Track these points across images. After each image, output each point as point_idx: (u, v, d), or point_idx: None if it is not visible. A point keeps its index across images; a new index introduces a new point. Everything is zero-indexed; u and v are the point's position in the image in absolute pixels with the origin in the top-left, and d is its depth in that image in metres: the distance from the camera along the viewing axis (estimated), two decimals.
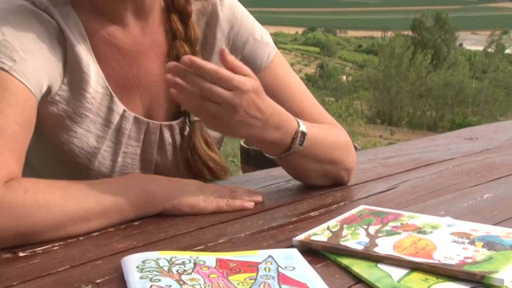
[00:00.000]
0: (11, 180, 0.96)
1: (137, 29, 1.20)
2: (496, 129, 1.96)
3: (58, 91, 1.13)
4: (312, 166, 1.26)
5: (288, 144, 1.18)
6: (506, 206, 1.24)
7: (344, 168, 1.31)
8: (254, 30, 1.32)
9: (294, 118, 1.19)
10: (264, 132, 1.12)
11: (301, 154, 1.20)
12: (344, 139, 1.32)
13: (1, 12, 1.09)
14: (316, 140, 1.22)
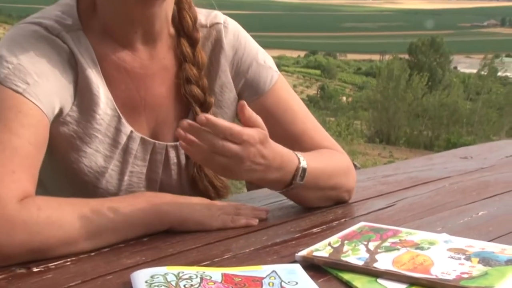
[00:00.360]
0: (25, 198, 0.96)
1: (146, 53, 1.21)
2: (490, 149, 1.96)
3: (69, 112, 1.14)
4: (314, 194, 1.25)
5: (289, 181, 1.17)
6: (500, 223, 1.23)
7: (345, 191, 1.31)
8: (257, 55, 1.32)
9: (296, 155, 1.17)
10: (266, 174, 1.12)
11: (302, 187, 1.20)
12: (344, 164, 1.31)
13: (16, 37, 1.10)
14: (317, 172, 1.21)
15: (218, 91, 1.28)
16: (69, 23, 1.14)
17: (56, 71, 1.10)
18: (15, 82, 1.04)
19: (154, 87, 1.22)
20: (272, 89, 1.30)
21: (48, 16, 1.14)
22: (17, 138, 1.00)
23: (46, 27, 1.12)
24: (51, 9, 1.17)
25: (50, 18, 1.13)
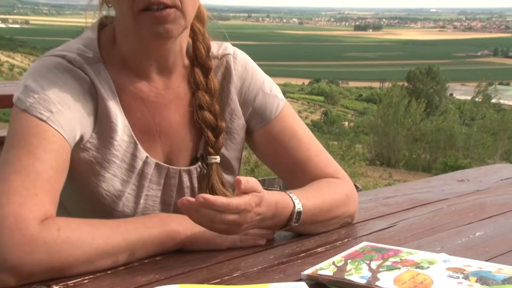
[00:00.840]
0: (46, 219, 0.97)
1: (161, 83, 1.21)
2: (486, 172, 1.94)
3: (89, 139, 1.14)
4: (312, 227, 1.23)
5: (284, 224, 1.16)
6: (497, 243, 1.22)
7: (346, 217, 1.30)
8: (263, 84, 1.32)
9: (292, 200, 1.16)
10: (260, 224, 1.11)
11: (299, 225, 1.18)
12: (343, 193, 1.28)
13: (41, 69, 1.11)
14: (314, 211, 1.19)
15: (228, 118, 1.28)
16: (90, 56, 1.15)
17: (78, 101, 1.11)
18: (39, 110, 1.05)
19: (168, 115, 1.22)
20: (278, 116, 1.30)
21: (71, 49, 1.15)
22: (40, 163, 1.01)
23: (69, 60, 1.13)
24: (74, 42, 1.18)
25: (73, 51, 1.15)
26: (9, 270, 0.91)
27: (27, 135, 1.03)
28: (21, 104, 1.06)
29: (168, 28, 1.09)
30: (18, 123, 1.05)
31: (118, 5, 1.12)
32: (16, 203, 0.95)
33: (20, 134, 1.04)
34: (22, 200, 0.96)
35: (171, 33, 1.11)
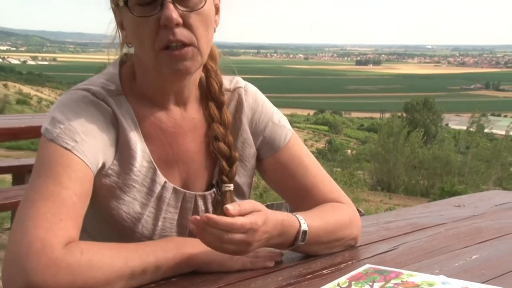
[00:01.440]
0: (70, 243, 0.96)
1: (178, 114, 1.22)
2: (481, 198, 1.93)
3: (111, 166, 1.14)
4: (318, 248, 1.23)
5: (291, 243, 1.16)
6: (492, 266, 1.20)
7: (349, 240, 1.29)
8: (273, 115, 1.32)
9: (297, 219, 1.16)
10: (268, 242, 1.11)
11: (305, 245, 1.18)
12: (346, 217, 1.27)
13: (67, 101, 1.12)
14: (318, 230, 1.19)
15: (240, 147, 1.29)
16: (112, 88, 1.16)
17: (101, 131, 1.11)
18: (65, 140, 1.05)
19: (185, 143, 1.23)
20: (286, 146, 1.30)
21: (95, 83, 1.16)
22: (65, 190, 1.01)
23: (93, 93, 1.14)
24: (97, 77, 1.19)
25: (96, 85, 1.16)
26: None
27: (53, 164, 1.03)
28: (49, 134, 1.07)
29: (187, 65, 1.11)
30: (45, 152, 1.06)
31: (139, 44, 1.13)
32: (42, 228, 0.95)
33: (47, 162, 1.04)
34: (48, 226, 0.96)
35: (189, 70, 1.12)
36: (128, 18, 1.12)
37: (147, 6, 1.08)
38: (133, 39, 1.15)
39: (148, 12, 1.08)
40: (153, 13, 1.08)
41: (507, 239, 1.42)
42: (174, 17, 1.06)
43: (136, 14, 1.09)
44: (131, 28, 1.13)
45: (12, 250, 0.94)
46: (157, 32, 1.08)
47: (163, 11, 1.06)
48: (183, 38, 1.09)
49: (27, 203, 0.99)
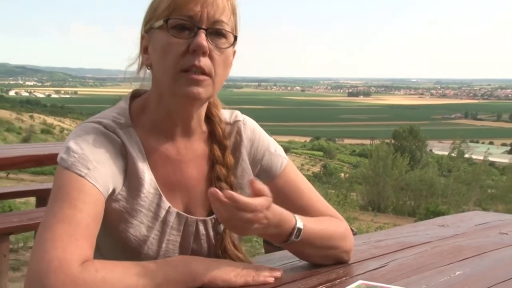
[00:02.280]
0: (86, 261, 0.96)
1: (183, 144, 1.22)
2: (462, 218, 1.92)
3: (120, 191, 1.14)
4: (313, 252, 1.23)
5: (286, 237, 1.16)
6: (474, 281, 1.19)
7: (342, 251, 1.28)
8: (269, 146, 1.32)
9: (294, 217, 1.17)
10: (266, 230, 1.12)
11: (299, 243, 1.18)
12: (341, 229, 1.28)
13: (81, 133, 1.12)
14: (313, 232, 1.19)
15: (240, 175, 1.28)
16: (122, 121, 1.16)
17: (111, 159, 1.11)
18: (79, 168, 1.05)
19: (188, 171, 1.22)
20: (282, 173, 1.30)
21: (106, 117, 1.16)
22: (79, 213, 1.00)
23: (104, 125, 1.14)
24: (110, 111, 1.20)
25: (108, 118, 1.16)
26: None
27: (68, 189, 1.03)
28: (64, 162, 1.07)
29: (200, 91, 1.11)
30: (61, 179, 1.05)
31: (163, 63, 1.13)
32: (60, 248, 0.95)
33: (62, 188, 1.04)
34: (65, 246, 0.95)
35: (200, 96, 1.12)
36: (159, 39, 1.13)
37: (182, 30, 1.10)
38: (158, 57, 1.14)
39: (182, 35, 1.10)
40: (187, 37, 1.10)
41: (486, 257, 1.41)
42: (205, 45, 1.09)
43: (173, 34, 1.10)
44: (160, 45, 1.13)
45: (33, 268, 0.93)
46: (184, 55, 1.10)
47: (196, 38, 1.09)
48: (204, 67, 1.10)
49: (45, 226, 0.99)
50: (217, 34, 1.13)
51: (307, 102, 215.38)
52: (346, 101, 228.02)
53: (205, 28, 1.10)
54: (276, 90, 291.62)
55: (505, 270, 1.29)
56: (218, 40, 1.13)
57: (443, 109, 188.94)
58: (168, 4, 1.11)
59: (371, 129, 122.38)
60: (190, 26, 1.10)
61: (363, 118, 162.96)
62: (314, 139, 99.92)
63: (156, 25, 1.13)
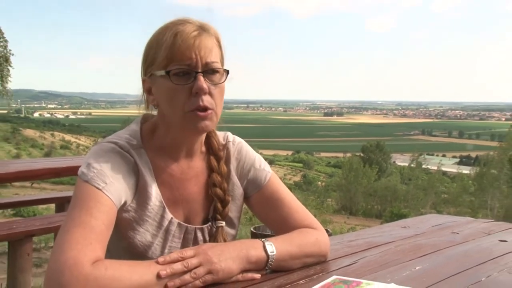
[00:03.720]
0: (97, 261, 0.95)
1: (185, 164, 1.22)
2: (421, 221, 1.92)
3: (130, 203, 1.13)
4: (292, 263, 1.17)
5: (264, 264, 1.11)
6: (431, 275, 1.19)
7: (319, 256, 1.24)
8: (254, 162, 1.31)
9: (261, 241, 1.13)
10: (245, 266, 1.07)
11: (280, 263, 1.13)
12: (313, 238, 1.23)
13: (100, 151, 1.12)
14: (286, 249, 1.15)
15: (231, 189, 1.28)
16: (134, 143, 1.16)
17: (124, 176, 1.11)
18: (97, 182, 1.05)
19: (189, 187, 1.22)
20: (267, 185, 1.29)
21: (121, 138, 1.16)
22: (95, 220, 1.00)
23: (120, 146, 1.14)
24: (123, 132, 1.19)
25: (122, 139, 1.16)
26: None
27: (86, 199, 1.02)
28: (84, 176, 1.06)
29: (208, 124, 1.13)
30: (81, 190, 1.05)
31: (170, 106, 1.12)
32: (75, 250, 0.94)
33: (81, 198, 1.03)
34: (80, 247, 0.94)
35: (209, 127, 1.14)
36: (163, 85, 1.12)
37: (182, 77, 1.10)
38: (165, 102, 1.14)
39: (183, 81, 1.10)
40: (188, 83, 1.10)
41: (441, 253, 1.41)
42: (205, 87, 1.10)
43: (175, 82, 1.10)
44: (166, 92, 1.12)
45: (52, 266, 0.92)
46: (188, 97, 1.10)
47: (197, 82, 1.10)
48: (208, 104, 1.11)
49: (64, 229, 0.98)
50: (212, 72, 1.13)
51: (289, 121, 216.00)
52: (322, 120, 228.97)
53: (201, 71, 1.11)
54: (262, 111, 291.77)
55: (457, 264, 1.29)
56: (213, 78, 1.13)
57: (404, 127, 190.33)
58: (165, 55, 1.10)
59: (344, 144, 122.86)
60: (189, 71, 1.11)
61: (337, 134, 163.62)
62: (295, 152, 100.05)
63: (157, 73, 1.13)
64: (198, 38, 1.11)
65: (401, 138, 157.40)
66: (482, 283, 1.14)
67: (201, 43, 1.11)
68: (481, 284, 1.13)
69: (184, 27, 1.11)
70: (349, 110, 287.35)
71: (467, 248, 1.47)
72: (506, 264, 1.31)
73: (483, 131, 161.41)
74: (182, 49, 1.09)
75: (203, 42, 1.11)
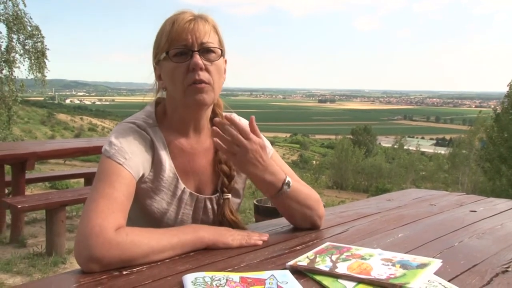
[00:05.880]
0: (119, 228, 0.94)
1: (194, 139, 1.20)
2: (403, 194, 1.91)
3: (147, 175, 1.12)
4: (295, 206, 1.18)
5: (279, 187, 1.13)
6: (412, 241, 1.18)
7: (317, 215, 1.23)
8: None
9: (283, 172, 1.15)
10: (264, 174, 1.10)
11: (287, 196, 1.14)
12: (316, 196, 1.24)
13: (120, 130, 1.10)
14: (298, 189, 1.17)
15: None
16: (150, 122, 1.14)
17: (142, 151, 1.09)
18: (118, 157, 1.03)
19: (198, 160, 1.20)
20: (270, 159, 1.27)
21: (138, 118, 1.15)
22: (116, 192, 0.99)
23: (138, 125, 1.12)
24: (140, 113, 1.18)
25: (139, 119, 1.14)
26: (95, 261, 0.89)
27: (109, 173, 1.01)
28: (107, 153, 1.04)
29: (205, 97, 1.10)
30: (104, 165, 1.03)
31: (173, 83, 1.11)
32: (100, 218, 0.93)
33: (104, 172, 1.02)
34: (104, 216, 0.93)
35: (205, 100, 1.11)
36: (166, 66, 1.11)
37: (180, 56, 1.09)
38: (169, 81, 1.13)
39: (181, 60, 1.09)
40: (185, 61, 1.09)
41: (421, 222, 1.40)
42: (200, 62, 1.08)
43: (175, 61, 1.09)
44: (168, 72, 1.11)
45: (80, 232, 0.92)
46: (186, 73, 1.09)
47: (192, 59, 1.08)
48: (203, 78, 1.09)
49: (90, 200, 0.97)
50: (207, 51, 1.11)
51: (287, 107, 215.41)
52: (316, 106, 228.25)
53: (197, 50, 1.09)
54: (263, 98, 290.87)
55: (434, 232, 1.28)
56: (208, 56, 1.11)
57: (388, 113, 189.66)
58: (166, 39, 1.10)
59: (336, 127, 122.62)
60: (186, 51, 1.09)
61: (330, 119, 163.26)
62: (293, 135, 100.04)
63: (161, 57, 1.12)
64: (193, 22, 1.10)
65: (386, 122, 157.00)
66: (455, 247, 1.14)
67: (195, 26, 1.10)
68: (454, 248, 1.13)
69: (180, 15, 1.12)
70: (340, 98, 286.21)
71: (442, 218, 1.47)
72: (475, 231, 1.31)
73: (456, 117, 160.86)
74: (178, 32, 1.09)
75: (198, 26, 1.10)
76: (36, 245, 3.68)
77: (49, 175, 5.60)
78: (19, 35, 11.16)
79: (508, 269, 0.99)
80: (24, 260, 3.35)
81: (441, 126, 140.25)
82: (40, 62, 11.38)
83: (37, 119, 52.90)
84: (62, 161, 13.61)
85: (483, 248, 1.14)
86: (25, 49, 11.30)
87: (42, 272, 3.15)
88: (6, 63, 11.11)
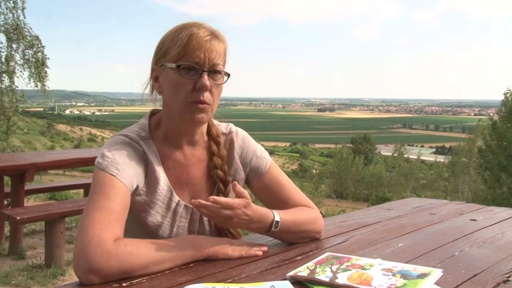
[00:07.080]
0: (117, 239, 0.94)
1: (188, 151, 1.20)
2: (403, 203, 1.91)
3: (141, 188, 1.12)
4: (289, 236, 1.19)
5: (267, 229, 1.14)
6: (412, 251, 1.18)
7: (314, 233, 1.25)
8: (256, 151, 1.29)
9: (272, 212, 1.15)
10: (250, 225, 1.11)
11: (278, 232, 1.16)
12: (311, 216, 1.24)
13: (113, 143, 1.11)
14: (289, 222, 1.17)
15: (233, 174, 1.26)
16: (143, 134, 1.15)
17: (135, 164, 1.09)
18: (111, 169, 1.04)
19: (192, 171, 1.20)
20: (267, 172, 1.27)
21: (131, 131, 1.15)
22: (112, 203, 0.99)
23: (130, 138, 1.13)
24: (134, 126, 1.18)
25: (132, 132, 1.15)
26: (94, 273, 0.89)
27: (103, 185, 1.01)
28: (100, 165, 1.05)
29: (203, 116, 1.11)
30: (98, 177, 1.04)
31: (174, 95, 1.11)
32: (98, 229, 0.93)
33: (99, 184, 1.02)
34: (101, 227, 0.93)
35: (204, 120, 1.12)
36: (172, 76, 1.10)
37: (189, 71, 1.09)
38: (170, 91, 1.12)
39: (189, 76, 1.09)
40: (194, 78, 1.09)
41: (421, 231, 1.40)
42: (208, 84, 1.09)
43: (183, 76, 1.09)
44: (172, 82, 1.10)
45: (78, 245, 0.92)
46: (191, 91, 1.09)
47: (201, 79, 1.08)
48: (207, 100, 1.10)
49: (87, 212, 0.97)
50: (215, 73, 1.11)
51: (287, 116, 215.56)
52: (316, 115, 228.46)
53: (207, 70, 1.10)
54: (263, 107, 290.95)
55: (434, 241, 1.28)
56: (215, 77, 1.11)
57: (388, 121, 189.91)
58: (178, 50, 1.09)
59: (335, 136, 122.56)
60: (196, 68, 1.09)
61: (329, 128, 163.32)
62: (292, 144, 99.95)
63: (168, 65, 1.11)
64: (210, 42, 1.10)
65: (385, 131, 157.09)
66: (455, 256, 1.14)
67: (211, 47, 1.10)
68: (455, 258, 1.13)
69: (198, 30, 1.11)
70: (340, 106, 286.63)
71: (442, 227, 1.47)
72: (475, 240, 1.31)
73: (455, 125, 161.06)
74: (194, 49, 1.09)
75: (213, 46, 1.10)
76: (35, 257, 3.66)
77: (48, 186, 5.58)
78: (19, 44, 11.23)
79: (509, 278, 0.99)
80: (23, 272, 3.33)
81: (441, 134, 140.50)
82: (40, 71, 11.44)
83: (36, 129, 52.87)
84: (61, 172, 13.57)
85: (484, 257, 1.14)
86: (25, 58, 11.38)
87: (41, 285, 3.13)
88: (6, 73, 11.18)
